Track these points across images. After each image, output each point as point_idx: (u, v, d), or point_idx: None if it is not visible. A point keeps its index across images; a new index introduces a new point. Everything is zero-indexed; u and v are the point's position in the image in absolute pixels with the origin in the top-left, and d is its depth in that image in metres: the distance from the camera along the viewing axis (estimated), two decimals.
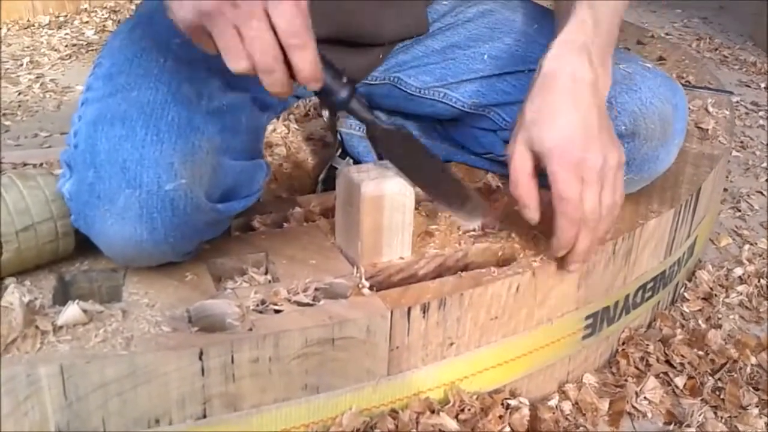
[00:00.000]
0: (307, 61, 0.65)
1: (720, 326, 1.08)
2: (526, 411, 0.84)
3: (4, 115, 1.77)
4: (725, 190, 1.56)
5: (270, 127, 1.53)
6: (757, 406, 0.92)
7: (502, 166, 1.06)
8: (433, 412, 0.80)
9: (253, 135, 0.87)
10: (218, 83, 0.80)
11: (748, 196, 1.57)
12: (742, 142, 1.86)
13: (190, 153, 0.71)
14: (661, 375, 0.98)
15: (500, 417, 0.82)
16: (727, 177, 1.61)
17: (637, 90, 0.90)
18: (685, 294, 1.16)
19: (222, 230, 0.83)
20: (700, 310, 1.13)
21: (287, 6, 0.62)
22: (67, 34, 2.52)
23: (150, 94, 0.72)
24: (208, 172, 0.75)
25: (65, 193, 0.73)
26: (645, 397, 0.93)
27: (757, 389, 0.96)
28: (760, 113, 2.08)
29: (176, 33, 0.81)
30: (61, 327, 0.68)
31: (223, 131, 0.78)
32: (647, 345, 1.01)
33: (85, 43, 2.43)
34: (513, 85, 0.99)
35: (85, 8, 2.84)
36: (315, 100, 1.84)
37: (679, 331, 1.06)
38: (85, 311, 0.69)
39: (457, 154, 1.12)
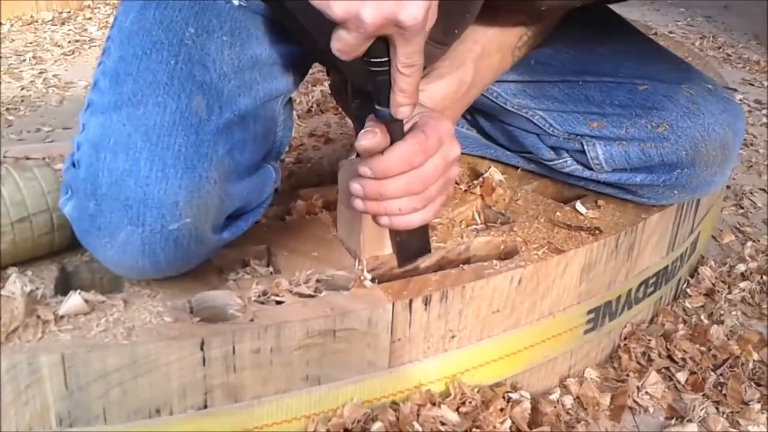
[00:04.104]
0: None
1: (722, 322, 1.08)
2: (527, 404, 0.84)
3: (7, 110, 1.77)
4: (728, 187, 1.56)
5: None
6: (759, 402, 0.92)
7: (541, 167, 1.03)
8: (434, 404, 0.80)
9: (263, 140, 0.81)
10: (230, 85, 0.75)
11: (751, 193, 1.57)
12: (745, 139, 1.86)
13: (196, 188, 0.68)
14: (663, 370, 0.97)
15: (501, 410, 0.82)
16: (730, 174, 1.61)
17: (700, 115, 0.87)
18: (688, 290, 1.16)
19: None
20: (702, 306, 1.13)
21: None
22: (70, 30, 2.53)
23: (157, 114, 0.68)
24: (215, 204, 0.71)
25: (66, 214, 0.71)
26: (646, 392, 0.93)
27: (759, 385, 0.96)
28: (764, 111, 2.08)
29: (192, 21, 0.75)
30: (62, 316, 0.68)
31: (232, 150, 0.73)
32: (649, 340, 1.01)
33: (87, 39, 2.44)
34: (566, 93, 0.95)
35: (89, 5, 2.85)
36: (318, 96, 1.84)
37: (681, 326, 1.05)
38: (86, 301, 0.69)
39: (490, 148, 1.08)
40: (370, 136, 0.68)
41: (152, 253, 0.68)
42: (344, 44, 0.61)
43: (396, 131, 0.69)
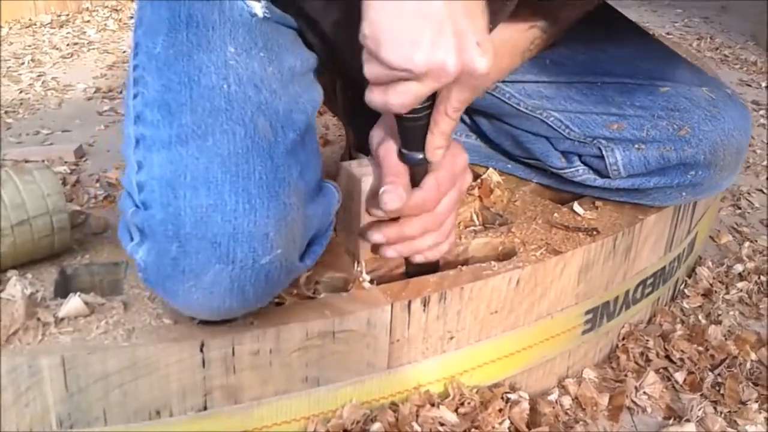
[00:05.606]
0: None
1: (720, 322, 1.08)
2: (525, 405, 0.84)
3: (6, 113, 1.77)
4: None
5: None
6: (757, 401, 0.92)
7: (546, 177, 1.01)
8: (433, 405, 0.80)
9: (319, 156, 0.77)
10: (282, 102, 0.71)
11: (749, 193, 1.57)
12: None
13: (283, 217, 0.64)
14: (661, 370, 0.98)
15: (500, 410, 0.82)
16: None
17: (721, 119, 0.87)
18: (685, 290, 1.17)
19: None
20: (700, 306, 1.14)
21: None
22: (68, 32, 2.53)
23: (228, 142, 0.64)
24: (300, 231, 0.68)
25: (138, 261, 0.65)
26: (644, 392, 0.93)
27: (757, 384, 0.96)
28: (761, 112, 2.08)
29: (229, 40, 0.70)
30: (62, 319, 0.68)
31: (302, 172, 0.70)
32: (647, 340, 1.01)
33: (86, 42, 2.44)
34: (584, 93, 0.93)
35: (87, 7, 2.85)
36: None
37: (679, 326, 1.06)
38: (86, 303, 0.70)
39: (492, 159, 1.06)
40: (397, 199, 0.70)
41: (241, 291, 0.64)
42: (410, 97, 0.59)
43: (419, 173, 0.70)
